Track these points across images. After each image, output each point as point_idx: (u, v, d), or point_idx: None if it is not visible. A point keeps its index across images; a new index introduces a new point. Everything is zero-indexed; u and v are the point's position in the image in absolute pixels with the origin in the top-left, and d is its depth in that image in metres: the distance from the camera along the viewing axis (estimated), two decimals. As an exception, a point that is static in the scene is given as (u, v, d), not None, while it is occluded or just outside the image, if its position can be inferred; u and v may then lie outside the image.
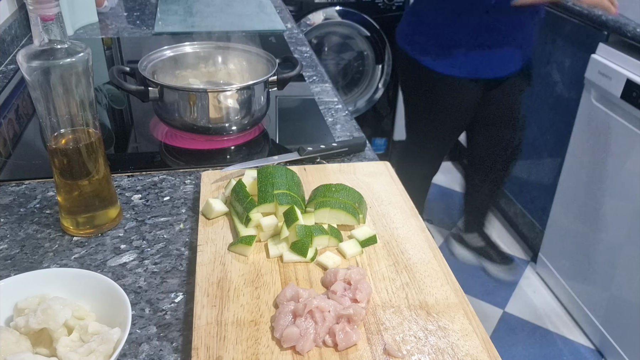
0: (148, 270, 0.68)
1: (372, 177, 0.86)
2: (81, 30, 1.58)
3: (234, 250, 0.69)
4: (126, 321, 0.53)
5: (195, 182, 0.87)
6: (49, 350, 0.54)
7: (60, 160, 0.69)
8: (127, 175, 0.89)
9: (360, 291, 0.61)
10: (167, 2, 1.87)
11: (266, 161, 0.91)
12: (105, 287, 0.57)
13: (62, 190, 0.72)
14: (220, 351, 0.54)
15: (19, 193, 0.83)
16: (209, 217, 0.75)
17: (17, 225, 0.76)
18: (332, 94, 1.21)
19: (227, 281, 0.64)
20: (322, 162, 0.93)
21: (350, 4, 2.56)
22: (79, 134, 0.68)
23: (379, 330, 0.58)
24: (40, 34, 0.62)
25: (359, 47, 2.72)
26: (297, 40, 1.59)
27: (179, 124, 0.97)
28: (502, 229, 2.51)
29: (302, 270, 0.67)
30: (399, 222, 0.76)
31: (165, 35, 1.57)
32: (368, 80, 2.79)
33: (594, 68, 1.77)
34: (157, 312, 0.62)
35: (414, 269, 0.67)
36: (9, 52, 1.38)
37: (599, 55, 1.77)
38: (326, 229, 0.71)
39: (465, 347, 0.57)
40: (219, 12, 1.78)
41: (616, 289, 1.69)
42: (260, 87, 0.98)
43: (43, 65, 0.62)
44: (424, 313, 0.61)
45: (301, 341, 0.55)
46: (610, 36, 1.76)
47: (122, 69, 0.99)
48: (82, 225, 0.73)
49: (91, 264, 0.69)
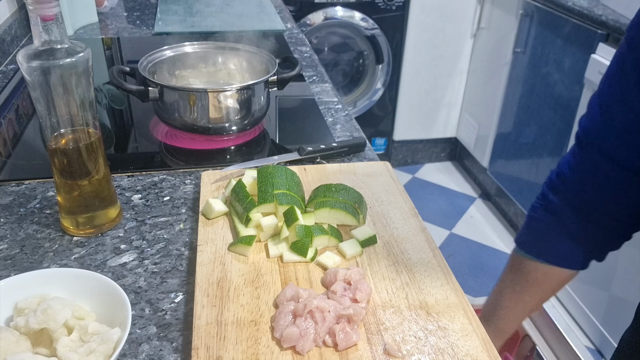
0: (148, 270, 0.68)
1: (372, 177, 0.86)
2: (81, 30, 1.58)
3: (234, 250, 0.69)
4: (126, 321, 0.53)
5: (195, 182, 0.87)
6: (49, 350, 0.54)
7: (60, 160, 0.69)
8: (127, 175, 0.89)
9: (360, 291, 0.61)
10: (167, 2, 1.87)
11: (266, 161, 0.91)
12: (105, 287, 0.57)
13: (62, 190, 0.72)
14: (220, 351, 0.54)
15: (19, 193, 0.83)
16: (209, 217, 0.75)
17: (17, 225, 0.76)
18: (332, 94, 1.21)
19: (227, 281, 0.64)
20: (322, 162, 0.93)
21: (350, 4, 2.56)
22: (79, 134, 0.68)
23: (379, 330, 0.58)
24: (40, 34, 0.62)
25: (359, 47, 2.72)
26: (297, 40, 1.59)
27: (179, 124, 0.97)
28: (502, 229, 2.51)
29: (302, 270, 0.67)
30: (399, 222, 0.76)
31: (165, 35, 1.57)
32: (368, 80, 2.79)
33: (594, 68, 1.77)
34: (157, 312, 0.62)
35: (414, 269, 0.67)
36: (9, 52, 1.38)
37: (599, 55, 1.77)
38: (326, 229, 0.71)
39: (465, 347, 0.57)
40: (219, 12, 1.78)
41: (616, 289, 1.69)
42: (260, 87, 0.98)
43: (43, 65, 0.62)
44: (424, 313, 0.61)
45: (301, 341, 0.55)
46: (610, 36, 1.76)
47: (122, 69, 0.99)
48: (82, 225, 0.73)
49: (91, 264, 0.69)
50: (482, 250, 2.39)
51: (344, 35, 2.69)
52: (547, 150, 2.13)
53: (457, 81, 2.83)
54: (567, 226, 0.73)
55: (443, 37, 2.69)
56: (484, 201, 2.75)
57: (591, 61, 1.78)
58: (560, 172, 0.73)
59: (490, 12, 2.54)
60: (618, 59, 0.66)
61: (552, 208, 0.73)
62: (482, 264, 2.30)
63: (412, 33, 2.66)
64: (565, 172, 0.72)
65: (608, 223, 0.71)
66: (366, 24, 2.61)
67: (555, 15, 2.03)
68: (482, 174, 2.77)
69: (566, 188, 0.72)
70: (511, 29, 2.34)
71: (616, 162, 0.67)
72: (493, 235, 2.49)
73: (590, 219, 0.71)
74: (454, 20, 2.66)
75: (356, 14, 2.59)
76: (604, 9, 1.84)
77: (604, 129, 0.67)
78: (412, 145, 3.02)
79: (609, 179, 0.68)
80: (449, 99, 2.87)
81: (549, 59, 2.08)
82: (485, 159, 2.64)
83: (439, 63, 2.76)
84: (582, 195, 0.71)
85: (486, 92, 2.62)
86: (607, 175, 0.68)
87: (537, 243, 0.76)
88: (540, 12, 2.13)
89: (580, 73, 1.86)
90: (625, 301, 1.65)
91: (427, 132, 2.96)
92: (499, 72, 2.46)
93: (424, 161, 3.08)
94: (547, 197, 0.74)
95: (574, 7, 1.90)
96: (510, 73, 2.37)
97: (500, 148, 2.51)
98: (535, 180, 2.23)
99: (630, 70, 0.63)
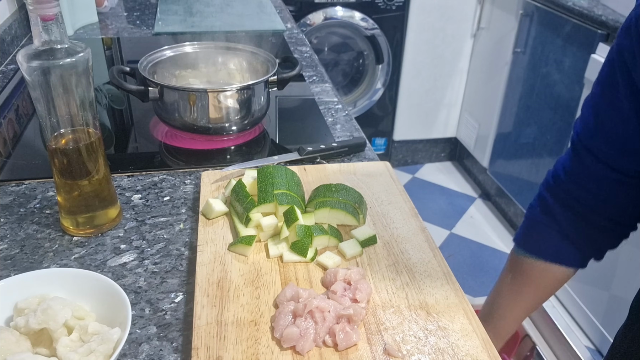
0: (148, 270, 0.68)
1: (372, 177, 0.86)
2: (81, 30, 1.58)
3: (234, 250, 0.69)
4: (126, 321, 0.53)
5: (195, 182, 0.87)
6: (49, 350, 0.54)
7: (60, 160, 0.69)
8: (127, 175, 0.89)
9: (360, 291, 0.61)
10: (167, 2, 1.87)
11: (266, 161, 0.91)
12: (105, 287, 0.57)
13: (62, 190, 0.72)
14: (220, 351, 0.54)
15: (19, 193, 0.83)
16: (209, 217, 0.75)
17: (17, 225, 0.76)
18: (332, 94, 1.21)
19: (227, 281, 0.64)
20: (322, 162, 0.93)
21: (350, 4, 2.56)
22: (79, 134, 0.68)
23: (379, 330, 0.58)
24: (40, 34, 0.62)
25: (359, 47, 2.72)
26: (297, 40, 1.59)
27: (179, 124, 0.97)
28: (502, 229, 2.51)
29: (302, 270, 0.67)
30: (399, 222, 0.76)
31: (165, 35, 1.57)
32: (368, 80, 2.79)
33: (594, 68, 1.77)
34: (157, 312, 0.62)
35: (414, 269, 0.67)
36: (9, 52, 1.38)
37: (599, 55, 1.77)
38: (326, 229, 0.71)
39: (465, 347, 0.57)
40: (219, 12, 1.78)
41: (616, 289, 1.69)
42: (260, 87, 0.98)
43: (43, 65, 0.62)
44: (424, 313, 0.61)
45: (301, 341, 0.55)
46: (610, 36, 1.76)
47: (122, 69, 0.99)
48: (82, 225, 0.73)
49: (91, 264, 0.69)
50: (482, 250, 2.39)
51: (344, 35, 2.68)
52: (547, 150, 2.13)
53: (457, 81, 2.83)
54: (563, 227, 0.73)
55: (443, 37, 2.69)
56: (484, 201, 2.75)
57: (591, 61, 1.78)
58: (555, 174, 0.74)
59: (490, 12, 2.54)
60: (609, 64, 0.66)
61: (548, 209, 0.74)
62: (482, 264, 2.30)
63: (412, 33, 2.66)
64: (561, 174, 0.72)
65: (604, 224, 0.71)
66: (366, 24, 2.61)
67: (555, 15, 2.03)
68: (482, 174, 2.77)
69: (561, 189, 0.73)
70: (511, 29, 2.34)
71: (609, 166, 0.67)
72: (493, 235, 2.49)
73: (586, 219, 0.71)
74: (454, 20, 2.66)
75: (356, 14, 2.59)
76: (604, 9, 1.84)
77: (596, 133, 0.67)
78: (412, 145, 3.01)
79: (603, 181, 0.68)
80: (449, 99, 2.87)
81: (549, 59, 2.08)
82: (485, 159, 2.64)
83: (439, 63, 2.76)
84: (577, 197, 0.71)
85: (486, 92, 2.62)
86: (601, 178, 0.68)
87: (535, 242, 0.76)
88: (540, 12, 2.13)
89: (580, 73, 1.86)
90: (625, 301, 1.65)
91: (427, 132, 2.96)
92: (499, 72, 2.46)
93: (424, 161, 3.08)
94: (543, 197, 0.75)
95: (574, 7, 1.90)
96: (510, 73, 2.37)
97: (500, 148, 2.51)
98: (535, 180, 2.23)
99: (621, 79, 0.63)
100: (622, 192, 0.68)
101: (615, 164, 0.67)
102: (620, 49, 0.63)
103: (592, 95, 0.69)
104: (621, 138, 0.65)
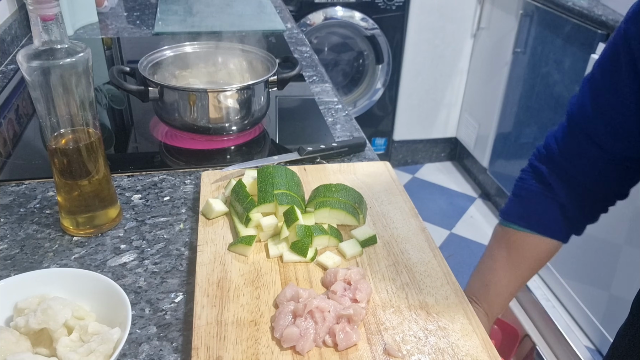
0: (148, 270, 0.68)
1: (372, 177, 0.86)
2: (81, 30, 1.58)
3: (234, 250, 0.69)
4: (126, 321, 0.53)
5: (195, 182, 0.87)
6: (49, 350, 0.54)
7: (60, 160, 0.69)
8: (127, 175, 0.89)
9: (360, 291, 0.61)
10: (167, 2, 1.87)
11: (266, 161, 0.91)
12: (105, 287, 0.57)
13: (62, 190, 0.72)
14: (220, 351, 0.54)
15: (19, 193, 0.83)
16: (209, 217, 0.75)
17: (17, 225, 0.76)
18: (332, 94, 1.21)
19: (227, 281, 0.64)
20: (322, 162, 0.93)
21: (351, 4, 2.56)
22: (79, 134, 0.68)
23: (379, 330, 0.58)
24: (40, 34, 0.62)
25: (359, 47, 2.72)
26: (297, 40, 1.59)
27: (179, 124, 0.97)
28: (502, 229, 2.51)
29: (302, 270, 0.67)
30: (398, 222, 0.76)
31: (165, 35, 1.57)
32: (368, 80, 2.79)
33: (594, 68, 1.76)
34: (157, 312, 0.62)
35: (414, 269, 0.67)
36: (9, 52, 1.38)
37: (598, 55, 1.77)
38: (326, 229, 0.71)
39: (465, 347, 0.57)
40: (219, 12, 1.78)
41: (616, 289, 1.69)
42: (260, 87, 0.98)
43: (43, 65, 0.62)
44: (424, 313, 0.61)
45: (301, 341, 0.55)
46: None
47: (122, 69, 0.99)
48: (82, 225, 0.73)
49: (91, 264, 0.69)
50: (482, 250, 2.38)
51: (344, 35, 2.68)
52: (547, 150, 2.13)
53: (457, 81, 2.83)
54: (560, 196, 0.74)
55: (443, 37, 2.69)
56: (484, 201, 2.75)
57: (591, 61, 1.78)
58: (547, 145, 0.75)
59: (490, 12, 2.54)
60: (612, 49, 0.65)
61: (543, 178, 0.75)
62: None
63: (412, 33, 2.66)
64: (553, 146, 0.74)
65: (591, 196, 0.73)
66: (366, 24, 2.61)
67: (555, 15, 2.03)
68: (482, 174, 2.77)
69: (553, 161, 0.74)
70: (511, 29, 2.34)
71: (603, 148, 0.68)
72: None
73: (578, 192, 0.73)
74: (454, 20, 2.66)
75: (356, 14, 2.59)
76: (604, 9, 1.84)
77: (593, 117, 0.68)
78: (412, 145, 3.01)
79: (594, 161, 0.70)
80: (449, 99, 2.87)
81: (549, 59, 2.08)
82: (485, 159, 2.64)
83: (439, 63, 2.76)
84: (567, 170, 0.73)
85: (486, 92, 2.62)
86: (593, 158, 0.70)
87: (525, 212, 0.77)
88: (540, 12, 2.13)
89: (580, 73, 1.86)
90: (624, 301, 1.65)
91: (427, 132, 2.96)
92: (499, 72, 2.46)
93: (424, 161, 3.08)
94: (536, 167, 0.76)
95: (574, 7, 1.90)
96: (510, 73, 2.37)
97: (500, 148, 2.51)
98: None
99: (624, 64, 0.63)
100: (613, 172, 0.70)
101: (609, 146, 0.68)
102: (627, 34, 0.63)
103: (591, 76, 0.69)
104: (618, 123, 0.65)
